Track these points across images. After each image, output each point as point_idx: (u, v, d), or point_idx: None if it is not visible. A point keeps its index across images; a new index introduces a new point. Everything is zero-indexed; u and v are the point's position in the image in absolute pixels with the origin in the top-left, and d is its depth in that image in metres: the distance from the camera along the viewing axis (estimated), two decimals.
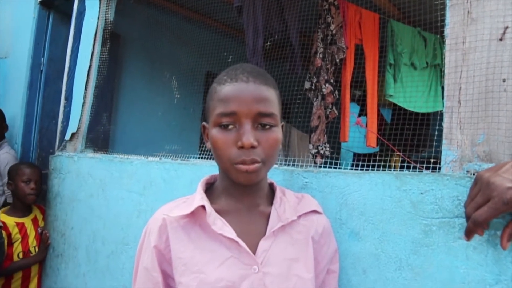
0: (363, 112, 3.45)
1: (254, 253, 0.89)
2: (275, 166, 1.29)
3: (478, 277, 0.88)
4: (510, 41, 0.96)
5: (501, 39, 0.98)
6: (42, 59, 3.02)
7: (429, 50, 3.13)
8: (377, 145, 3.45)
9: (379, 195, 1.05)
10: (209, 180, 1.01)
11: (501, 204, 0.75)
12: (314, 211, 1.01)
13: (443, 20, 1.09)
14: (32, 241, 2.43)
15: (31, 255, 2.40)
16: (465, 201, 0.86)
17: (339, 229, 1.12)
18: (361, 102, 3.61)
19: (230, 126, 0.85)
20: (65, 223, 2.30)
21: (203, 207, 0.90)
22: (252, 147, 0.83)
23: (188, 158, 1.73)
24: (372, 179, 1.07)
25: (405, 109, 2.99)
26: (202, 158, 1.71)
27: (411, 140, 2.86)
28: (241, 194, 0.94)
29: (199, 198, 0.91)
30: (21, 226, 2.41)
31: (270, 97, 0.87)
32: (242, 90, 0.85)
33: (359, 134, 3.06)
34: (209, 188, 1.00)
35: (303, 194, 1.05)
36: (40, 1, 2.96)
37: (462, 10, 1.04)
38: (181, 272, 0.87)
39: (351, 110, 2.89)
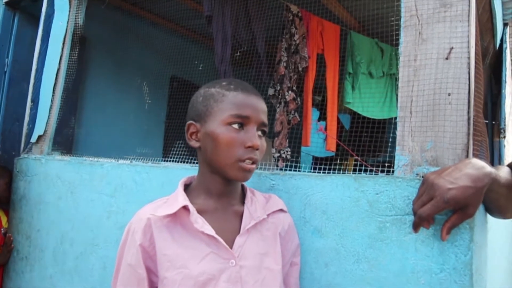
0: (322, 117, 3.61)
1: (231, 248, 0.98)
2: None
3: (425, 267, 1.00)
4: (454, 60, 1.10)
5: (447, 58, 1.12)
6: (6, 60, 2.97)
7: (385, 60, 3.32)
8: (336, 149, 3.61)
9: (339, 195, 1.16)
10: (186, 181, 1.10)
11: (442, 202, 0.89)
12: (281, 210, 1.13)
13: (398, 38, 1.22)
14: None
15: None
16: (414, 199, 0.99)
17: (303, 227, 1.22)
18: (321, 107, 3.78)
19: (240, 128, 0.97)
20: (31, 225, 2.30)
21: (184, 207, 0.98)
22: (257, 148, 0.97)
23: (158, 161, 1.79)
24: (333, 181, 1.18)
25: (363, 116, 3.16)
26: (172, 161, 1.77)
27: (368, 145, 3.03)
28: (221, 194, 1.04)
29: (182, 199, 1.00)
30: None
31: (267, 112, 1.04)
32: (255, 100, 1.00)
33: (318, 139, 3.20)
34: (186, 189, 1.08)
35: (270, 195, 1.16)
36: (5, 2, 2.93)
37: (414, 31, 1.17)
38: (166, 268, 0.95)
39: (312, 114, 3.02)
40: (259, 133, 1.01)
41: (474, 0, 1.11)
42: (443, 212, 0.95)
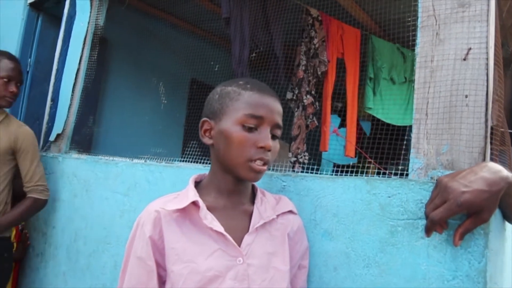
0: (343, 124, 3.57)
1: (239, 246, 0.97)
2: None
3: (437, 273, 0.96)
4: (472, 61, 1.06)
5: (464, 59, 1.08)
6: (29, 60, 3.04)
7: (407, 65, 3.26)
8: (355, 156, 3.56)
9: (351, 198, 1.13)
10: (197, 178, 1.10)
11: (455, 205, 0.85)
12: (290, 211, 1.12)
13: (414, 39, 1.19)
14: (11, 237, 2.43)
15: None
16: (426, 202, 0.95)
17: (313, 229, 1.20)
18: (342, 114, 3.74)
19: (254, 128, 0.96)
20: (47, 222, 2.33)
21: (194, 203, 0.98)
22: (269, 149, 0.96)
23: (172, 161, 1.79)
24: (345, 183, 1.15)
25: (383, 122, 3.11)
26: (185, 161, 1.77)
27: (387, 152, 2.98)
28: (232, 192, 1.04)
29: (193, 194, 0.99)
30: None
31: (282, 114, 1.03)
32: (271, 101, 1.00)
33: (338, 145, 3.16)
34: (197, 186, 1.07)
35: (280, 196, 1.15)
36: (30, 3, 2.99)
37: (431, 32, 1.14)
38: (174, 261, 0.95)
39: (332, 121, 2.99)
40: (274, 133, 1.00)
41: (494, 0, 1.07)
42: (457, 217, 0.92)
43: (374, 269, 1.06)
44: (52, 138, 2.49)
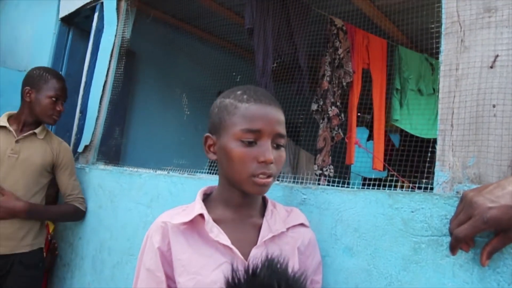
0: (372, 136, 3.50)
1: (246, 260, 0.95)
2: (276, 182, 1.35)
3: None
4: (500, 68, 1.01)
5: (491, 67, 1.03)
6: (60, 73, 3.12)
7: (436, 76, 3.17)
8: (384, 169, 3.47)
9: (372, 212, 1.09)
10: (206, 191, 1.09)
11: (480, 222, 0.80)
12: (302, 224, 1.08)
13: (439, 47, 1.15)
14: None
15: None
16: (451, 218, 0.90)
17: (334, 245, 1.16)
18: (370, 126, 3.67)
19: (252, 142, 0.94)
20: (74, 233, 2.36)
21: (201, 215, 0.96)
22: (271, 163, 0.93)
23: (194, 172, 1.79)
24: (366, 197, 1.11)
25: (411, 135, 3.03)
26: (210, 173, 1.76)
27: (417, 166, 2.89)
28: (239, 205, 1.02)
29: (199, 207, 0.98)
30: None
31: (284, 121, 0.99)
32: (268, 111, 0.95)
33: (366, 157, 3.10)
34: (206, 199, 1.07)
35: (292, 208, 1.12)
36: (61, 18, 3.09)
37: (456, 39, 1.10)
38: (180, 272, 0.94)
39: (361, 134, 2.94)
40: (277, 143, 0.97)
41: None
42: (485, 234, 0.87)
43: None
44: (80, 149, 2.54)
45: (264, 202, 1.09)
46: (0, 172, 2.02)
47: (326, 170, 2.76)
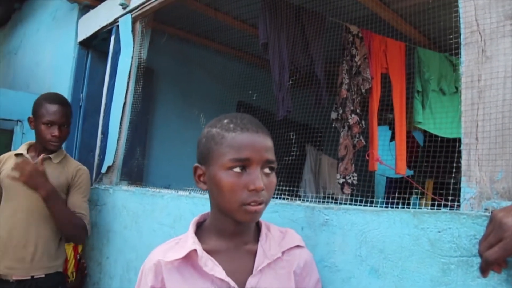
0: (394, 137, 3.43)
1: None
2: (297, 202, 1.33)
3: None
4: None
5: None
6: (81, 95, 3.18)
7: (458, 75, 3.10)
8: (410, 169, 3.41)
9: (397, 232, 1.06)
10: (199, 220, 1.09)
11: None
12: (297, 246, 1.08)
13: (459, 57, 1.11)
14: (71, 267, 2.51)
15: (69, 280, 2.47)
16: (480, 239, 0.87)
17: (359, 266, 1.13)
18: (393, 126, 3.60)
19: (241, 171, 0.93)
20: (101, 252, 2.39)
21: (195, 249, 0.96)
22: (262, 190, 0.92)
23: None
24: (390, 217, 1.08)
25: (435, 135, 2.96)
26: None
27: (443, 165, 2.82)
28: (233, 234, 1.02)
29: (191, 242, 0.98)
30: None
31: (272, 147, 0.98)
32: (255, 139, 0.94)
33: (391, 159, 3.04)
34: (200, 227, 1.07)
35: (286, 229, 1.11)
36: (80, 41, 3.15)
37: (477, 49, 1.06)
38: None
39: (383, 133, 2.88)
40: (266, 170, 0.96)
41: None
42: None
43: None
44: (103, 170, 2.57)
45: (258, 225, 1.09)
46: (17, 194, 2.06)
47: (350, 178, 2.72)
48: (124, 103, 2.52)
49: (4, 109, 3.15)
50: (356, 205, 1.23)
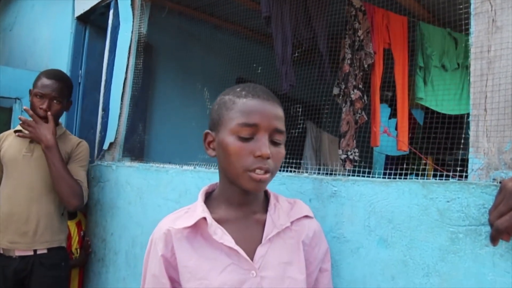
0: (393, 114, 3.43)
1: (252, 258, 0.96)
2: (304, 174, 1.34)
3: (505, 284, 0.89)
4: None
5: None
6: (80, 71, 3.15)
7: (460, 51, 3.08)
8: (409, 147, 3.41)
9: (406, 203, 1.07)
10: (208, 189, 1.10)
11: None
12: (306, 216, 1.09)
13: (468, 28, 1.11)
14: (75, 244, 2.54)
15: (73, 256, 2.50)
16: (490, 208, 0.88)
17: (368, 236, 1.15)
18: (391, 103, 3.59)
19: (249, 136, 0.93)
20: (105, 229, 2.41)
21: (204, 218, 0.96)
22: (268, 157, 0.92)
23: None
24: (399, 187, 1.09)
25: (437, 112, 2.96)
26: None
27: (444, 142, 2.84)
28: (241, 203, 1.02)
29: (200, 210, 0.98)
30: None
31: (283, 117, 0.98)
32: (265, 106, 0.95)
33: (391, 137, 3.05)
34: (208, 197, 1.07)
35: (295, 200, 1.12)
36: (77, 17, 3.10)
37: (487, 19, 1.05)
38: (187, 279, 0.95)
39: (382, 111, 2.88)
40: (275, 139, 0.96)
41: None
42: None
43: (434, 278, 1.00)
44: (105, 146, 2.57)
45: (267, 196, 1.10)
46: (17, 170, 2.10)
47: (351, 154, 2.73)
48: (125, 79, 2.50)
49: (3, 87, 3.13)
50: (364, 176, 1.24)
